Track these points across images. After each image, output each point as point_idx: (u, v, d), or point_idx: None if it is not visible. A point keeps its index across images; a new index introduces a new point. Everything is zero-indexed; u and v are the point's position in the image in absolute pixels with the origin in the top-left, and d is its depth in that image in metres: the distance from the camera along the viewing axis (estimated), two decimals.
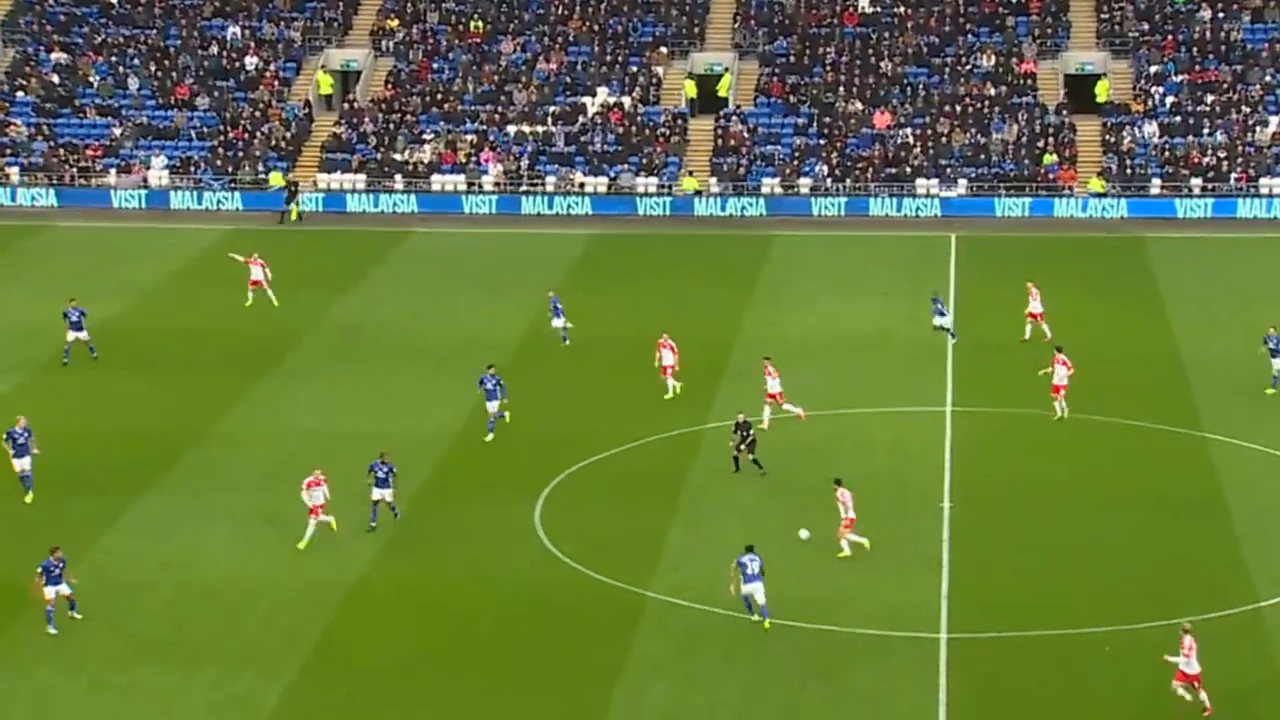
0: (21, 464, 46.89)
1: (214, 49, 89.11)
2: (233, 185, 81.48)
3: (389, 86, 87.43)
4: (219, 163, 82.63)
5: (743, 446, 48.12)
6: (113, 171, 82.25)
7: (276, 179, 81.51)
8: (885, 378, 56.90)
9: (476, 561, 43.73)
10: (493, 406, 51.42)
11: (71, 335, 57.32)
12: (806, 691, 37.31)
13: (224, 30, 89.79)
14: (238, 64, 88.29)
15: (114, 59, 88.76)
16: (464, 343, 60.07)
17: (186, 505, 46.74)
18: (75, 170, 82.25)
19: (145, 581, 42.41)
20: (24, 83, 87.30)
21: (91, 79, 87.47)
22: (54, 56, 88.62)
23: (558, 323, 60.25)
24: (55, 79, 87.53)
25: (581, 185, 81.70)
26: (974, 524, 45.58)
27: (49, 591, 39.54)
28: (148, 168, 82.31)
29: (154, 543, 44.54)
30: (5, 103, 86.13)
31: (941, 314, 60.01)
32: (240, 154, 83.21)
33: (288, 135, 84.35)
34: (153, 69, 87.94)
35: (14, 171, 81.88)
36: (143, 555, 43.90)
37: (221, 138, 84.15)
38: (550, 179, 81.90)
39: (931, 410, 53.95)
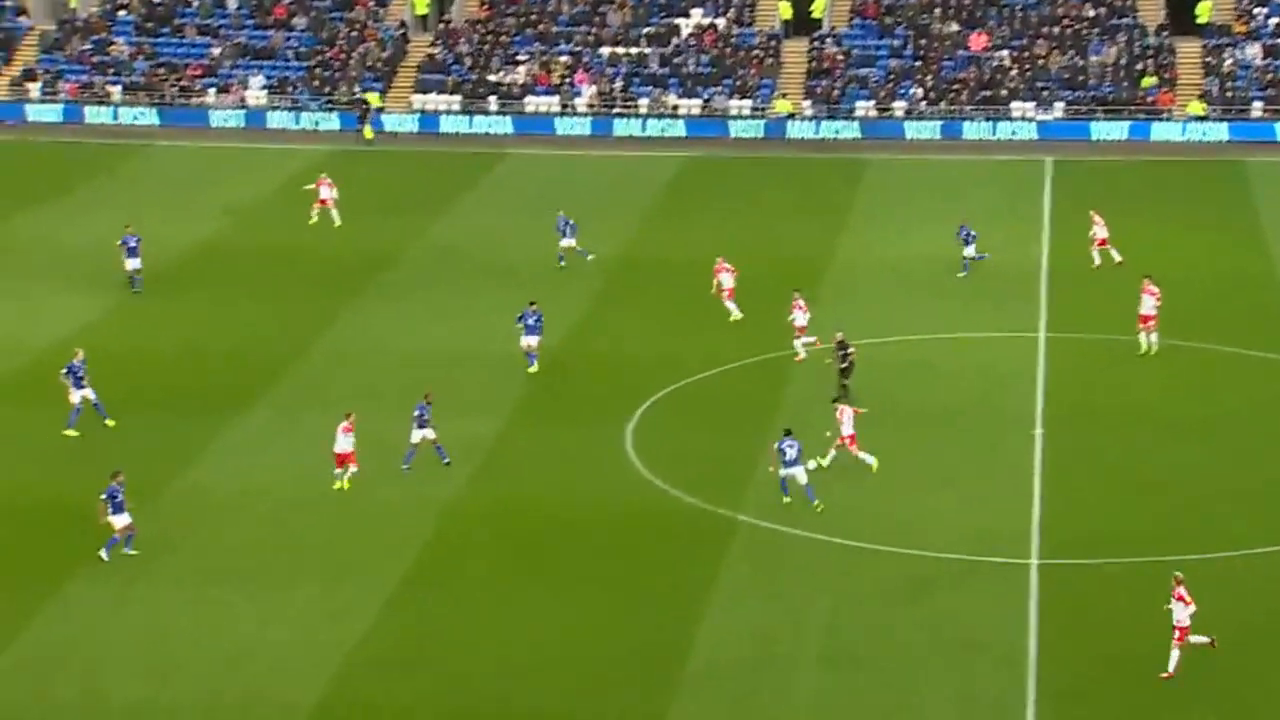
0: (82, 394, 46.30)
1: None
2: (329, 105, 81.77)
3: (484, 7, 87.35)
4: (316, 83, 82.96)
5: (842, 368, 48.04)
6: (211, 91, 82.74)
7: (373, 99, 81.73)
8: (977, 303, 56.60)
9: (568, 482, 44.01)
10: (533, 341, 50.91)
11: (130, 264, 56.83)
12: (894, 615, 37.40)
13: None
14: None
15: None
16: (556, 265, 60.13)
17: (285, 424, 47.22)
18: (175, 90, 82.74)
19: (245, 498, 42.95)
20: (126, 2, 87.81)
21: None
22: None
23: (566, 243, 59.84)
24: None
25: (674, 107, 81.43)
26: (1066, 450, 45.40)
27: (117, 520, 39.41)
28: (246, 88, 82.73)
29: (253, 460, 45.07)
30: (107, 22, 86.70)
31: (968, 242, 59.12)
32: (337, 74, 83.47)
33: (383, 56, 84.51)
34: None
35: (116, 90, 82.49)
36: (242, 472, 44.44)
37: (318, 58, 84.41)
38: (643, 101, 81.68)
39: (1024, 336, 53.65)
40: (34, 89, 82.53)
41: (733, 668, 35.34)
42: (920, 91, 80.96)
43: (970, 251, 58.86)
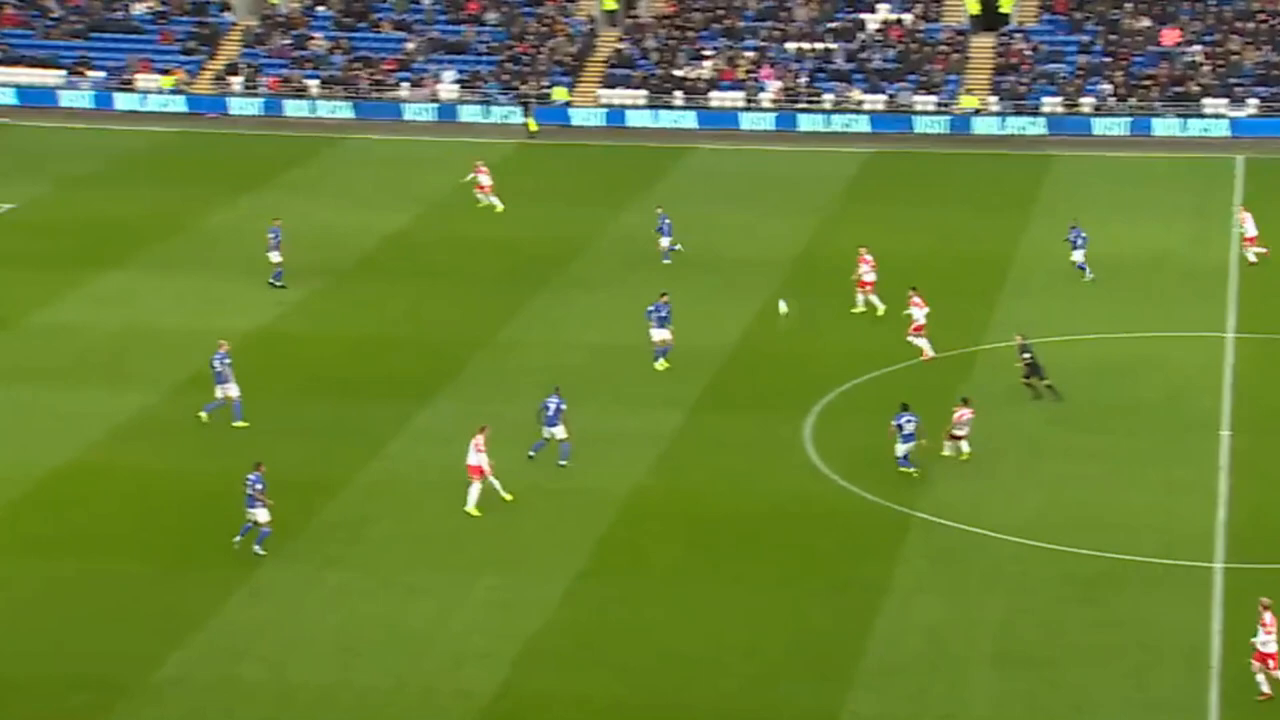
0: (225, 390, 46.53)
1: None
2: (518, 100, 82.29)
3: (672, 2, 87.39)
4: (505, 77, 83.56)
5: (1029, 371, 47.40)
6: (405, 85, 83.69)
7: (561, 93, 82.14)
8: (1165, 302, 55.53)
9: (746, 475, 43.89)
10: (663, 334, 50.58)
11: (275, 256, 56.96)
12: (1071, 615, 36.82)
13: None
14: None
15: None
16: (739, 259, 60.05)
17: (470, 412, 47.52)
18: (370, 83, 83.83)
19: (430, 485, 43.38)
20: None
21: None
22: None
23: (665, 242, 59.67)
24: None
25: (859, 102, 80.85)
26: (1255, 453, 44.39)
27: (257, 514, 39.43)
28: (438, 81, 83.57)
29: (439, 448, 45.46)
30: (307, 17, 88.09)
31: (1078, 245, 57.50)
32: (526, 68, 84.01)
33: (572, 50, 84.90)
34: None
35: (313, 84, 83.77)
36: (428, 460, 44.86)
37: (509, 52, 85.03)
38: (828, 96, 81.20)
39: (1212, 336, 52.52)
40: (236, 83, 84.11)
41: (906, 665, 35.04)
42: (1109, 87, 79.55)
43: (1079, 257, 57.26)
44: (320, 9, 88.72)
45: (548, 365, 50.71)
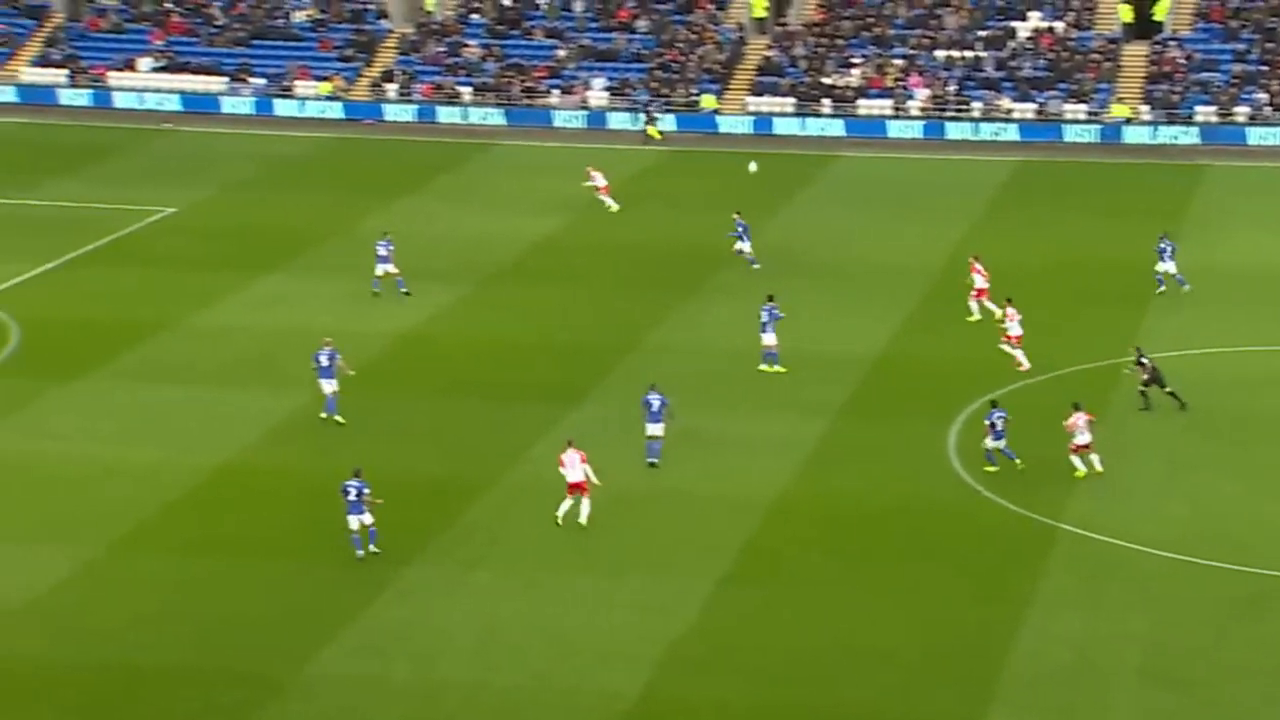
0: (329, 385, 47.01)
1: None
2: (667, 107, 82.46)
3: (821, 9, 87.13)
4: (654, 85, 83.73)
5: (1146, 380, 46.71)
6: (555, 92, 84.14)
7: (709, 101, 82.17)
8: None
9: (891, 481, 43.65)
10: (771, 339, 50.48)
11: (380, 268, 56.98)
12: (1222, 633, 36.20)
13: None
14: None
15: None
16: (885, 266, 59.72)
17: (614, 416, 47.70)
18: (521, 90, 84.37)
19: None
20: (478, 5, 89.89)
21: (540, 2, 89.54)
22: None
23: (742, 246, 59.49)
24: (507, 2, 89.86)
25: (1009, 111, 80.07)
26: None
27: (351, 520, 39.48)
28: (588, 89, 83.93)
29: (586, 451, 45.51)
30: (461, 25, 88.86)
31: (1164, 256, 55.94)
32: (675, 76, 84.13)
33: (721, 58, 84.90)
34: None
35: (466, 91, 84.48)
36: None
37: (658, 60, 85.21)
38: (977, 105, 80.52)
39: None
40: (391, 89, 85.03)
41: (1050, 679, 34.65)
42: (1265, 96, 78.14)
43: (1168, 268, 55.89)
44: (474, 17, 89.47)
45: (693, 371, 50.73)
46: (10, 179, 70.93)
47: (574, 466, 40.92)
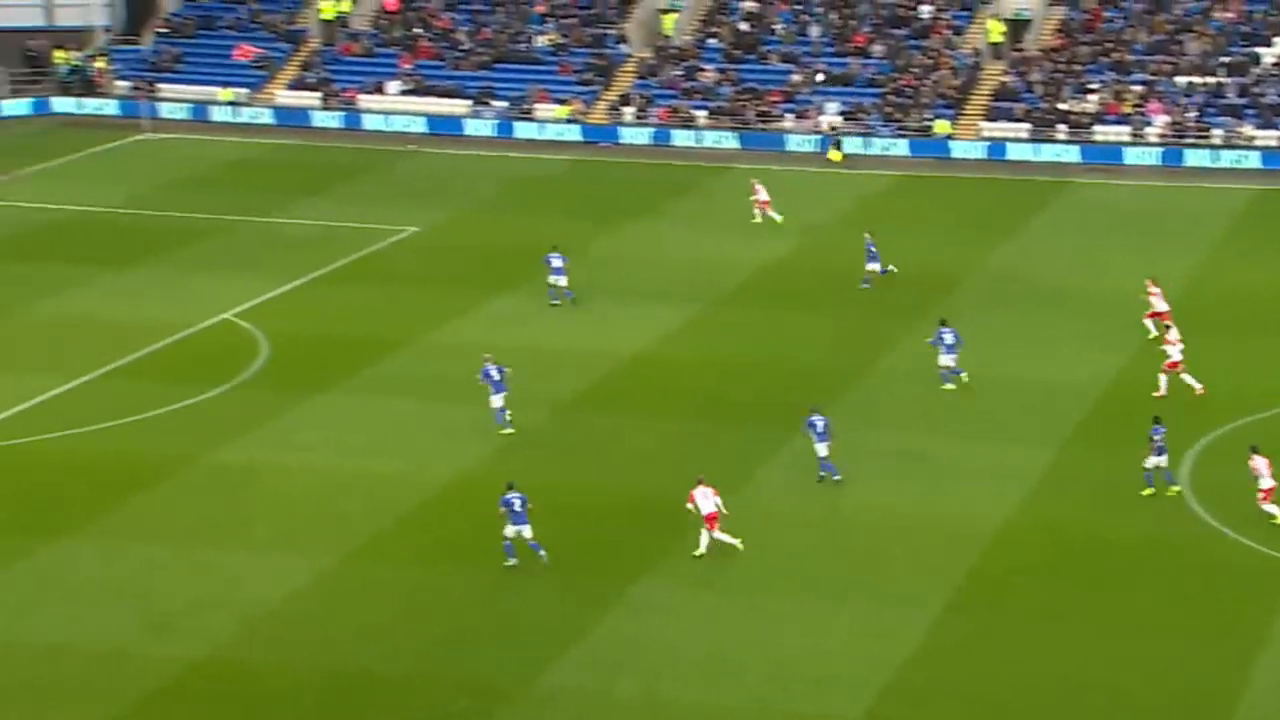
0: (500, 399, 47.56)
1: None
2: (900, 132, 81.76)
3: (1059, 35, 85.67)
4: (888, 109, 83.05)
5: None
6: (789, 116, 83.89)
7: (942, 126, 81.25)
8: None
9: (1120, 513, 42.63)
10: (950, 360, 50.10)
11: (555, 279, 58.31)
12: None
13: None
14: (913, 12, 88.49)
15: (798, 7, 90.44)
16: (1118, 295, 58.39)
17: (841, 440, 47.28)
18: (755, 114, 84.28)
19: (798, 512, 43.27)
20: (716, 30, 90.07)
21: (776, 27, 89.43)
22: (744, 5, 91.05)
23: (872, 266, 59.16)
24: (744, 26, 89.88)
25: (1251, 138, 77.87)
26: None
27: (509, 529, 39.72)
28: (822, 113, 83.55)
29: (810, 475, 45.30)
30: (698, 49, 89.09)
31: None
32: (909, 101, 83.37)
33: (956, 83, 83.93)
34: (833, 17, 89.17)
35: (701, 115, 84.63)
36: (797, 486, 44.73)
37: (892, 85, 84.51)
38: (1218, 132, 78.44)
39: None
40: (628, 113, 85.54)
41: None
42: None
43: None
44: (711, 41, 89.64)
45: (919, 396, 50.15)
46: (265, 199, 72.72)
47: (706, 499, 40.52)
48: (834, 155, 79.39)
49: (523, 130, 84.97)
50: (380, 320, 57.13)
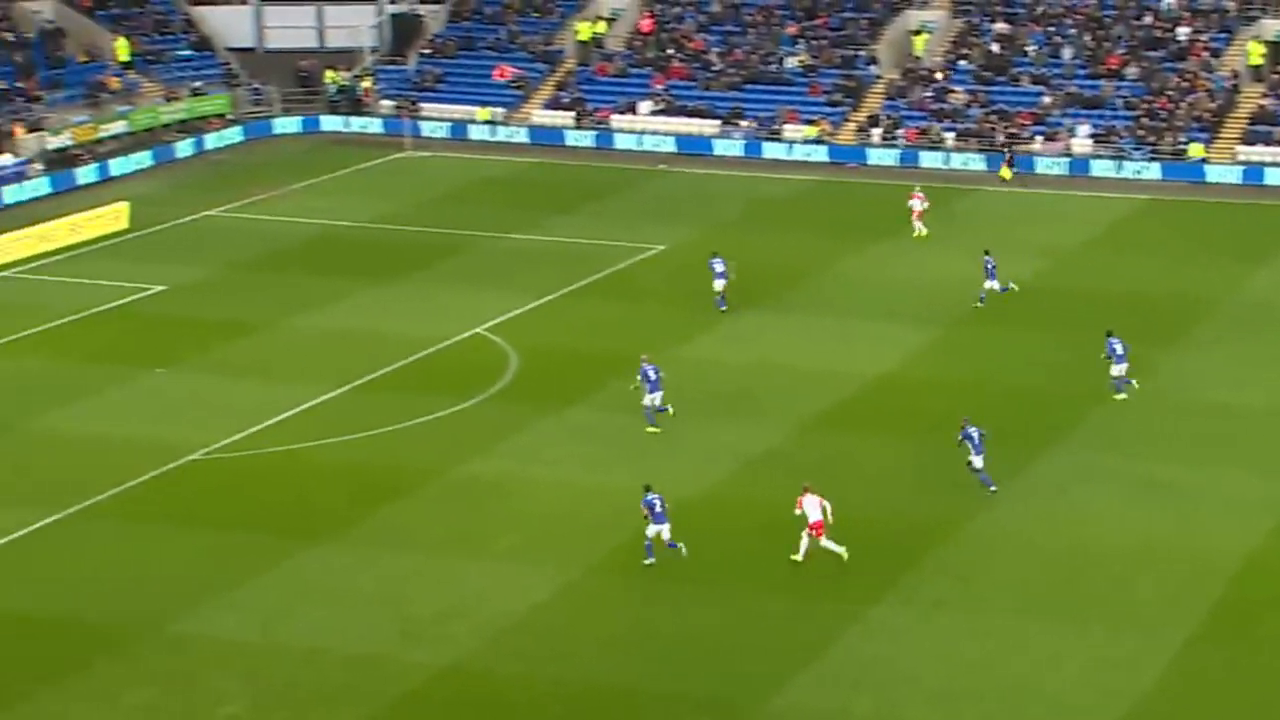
0: (655, 398, 48.85)
1: (1147, 19, 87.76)
2: (1152, 155, 79.95)
3: None
4: (1141, 132, 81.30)
5: None
6: (1038, 138, 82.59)
7: (1197, 150, 79.28)
8: None
9: None
10: (1120, 369, 49.82)
11: (717, 283, 59.48)
12: None
13: (1159, 1, 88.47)
14: (1169, 34, 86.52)
15: (1050, 29, 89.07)
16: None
17: (1082, 464, 46.49)
18: (1004, 136, 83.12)
19: (1037, 536, 42.55)
20: (966, 52, 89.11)
21: (1028, 48, 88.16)
22: (996, 27, 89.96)
23: (991, 284, 58.89)
24: (995, 48, 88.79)
25: None
26: None
27: (650, 529, 40.69)
28: (1072, 135, 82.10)
29: (1052, 499, 44.59)
30: (948, 70, 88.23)
31: None
32: (1163, 124, 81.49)
33: (1212, 106, 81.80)
34: (1087, 39, 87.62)
35: (949, 136, 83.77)
36: (1040, 510, 44.04)
37: (1146, 107, 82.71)
38: None
39: None
40: (876, 134, 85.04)
41: None
42: None
43: None
44: (962, 63, 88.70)
45: (1162, 422, 49.11)
46: (518, 215, 73.78)
47: (814, 508, 40.71)
48: (1004, 173, 78.16)
49: (771, 150, 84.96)
50: (626, 336, 57.56)
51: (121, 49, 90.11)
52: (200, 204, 75.90)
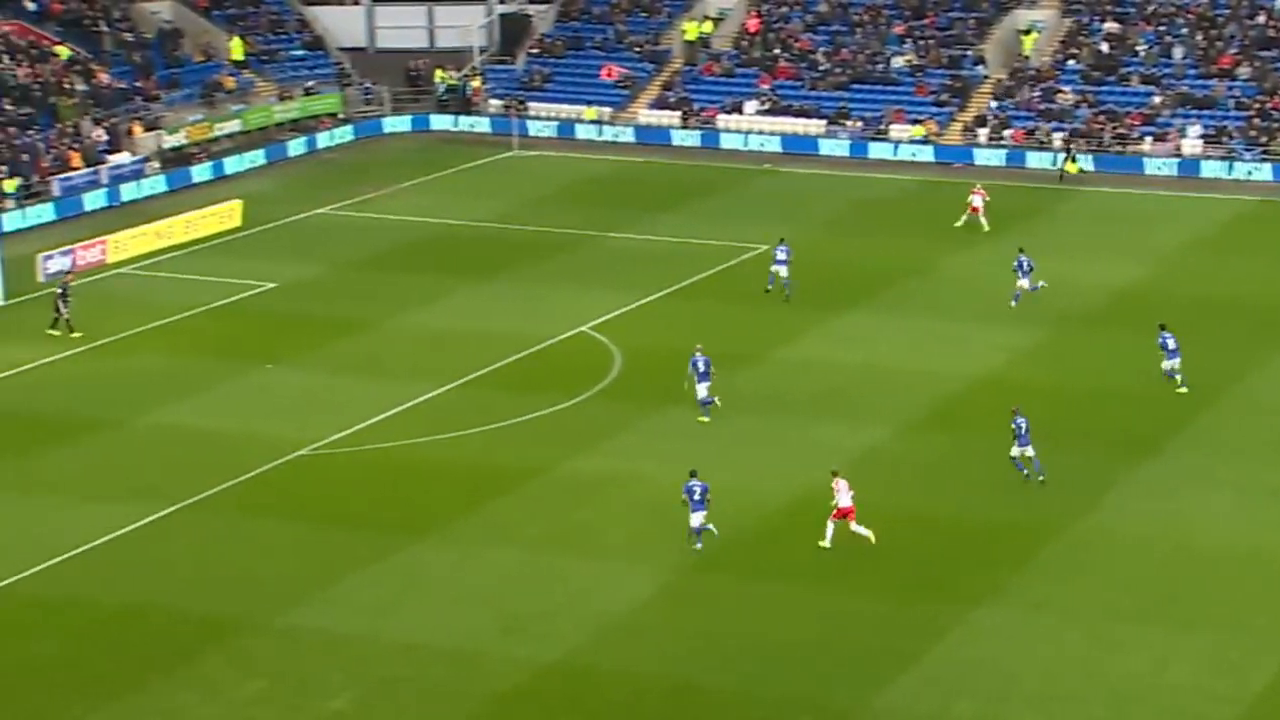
0: (704, 387, 49.57)
1: (1260, 18, 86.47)
2: (1264, 156, 78.76)
3: None
4: (1253, 133, 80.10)
5: None
6: (1148, 139, 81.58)
7: None
8: None
9: None
10: (1173, 362, 50.22)
11: (778, 269, 60.55)
12: None
13: (1273, 0, 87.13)
14: None
15: (1162, 28, 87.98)
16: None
17: (1188, 468, 45.87)
18: (1113, 137, 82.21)
19: (1146, 539, 42.04)
20: (1075, 51, 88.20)
21: (1138, 48, 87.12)
22: (1106, 26, 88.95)
23: (1023, 283, 58.36)
24: (1104, 48, 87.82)
25: None
26: None
27: (694, 519, 41.26)
28: (1183, 136, 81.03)
29: (1160, 502, 44.07)
30: (1056, 70, 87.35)
31: None
32: (1275, 125, 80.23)
33: None
34: (1198, 38, 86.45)
35: (1058, 137, 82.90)
36: (1147, 513, 43.52)
37: (1258, 108, 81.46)
38: None
39: None
40: (983, 134, 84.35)
41: None
42: None
43: None
44: (1070, 63, 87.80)
45: (1273, 428, 48.22)
46: (623, 214, 73.87)
47: (843, 493, 41.13)
48: (1071, 168, 77.29)
49: (876, 150, 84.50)
50: (729, 336, 57.43)
51: (236, 48, 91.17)
52: (311, 202, 76.61)
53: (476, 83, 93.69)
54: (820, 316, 59.36)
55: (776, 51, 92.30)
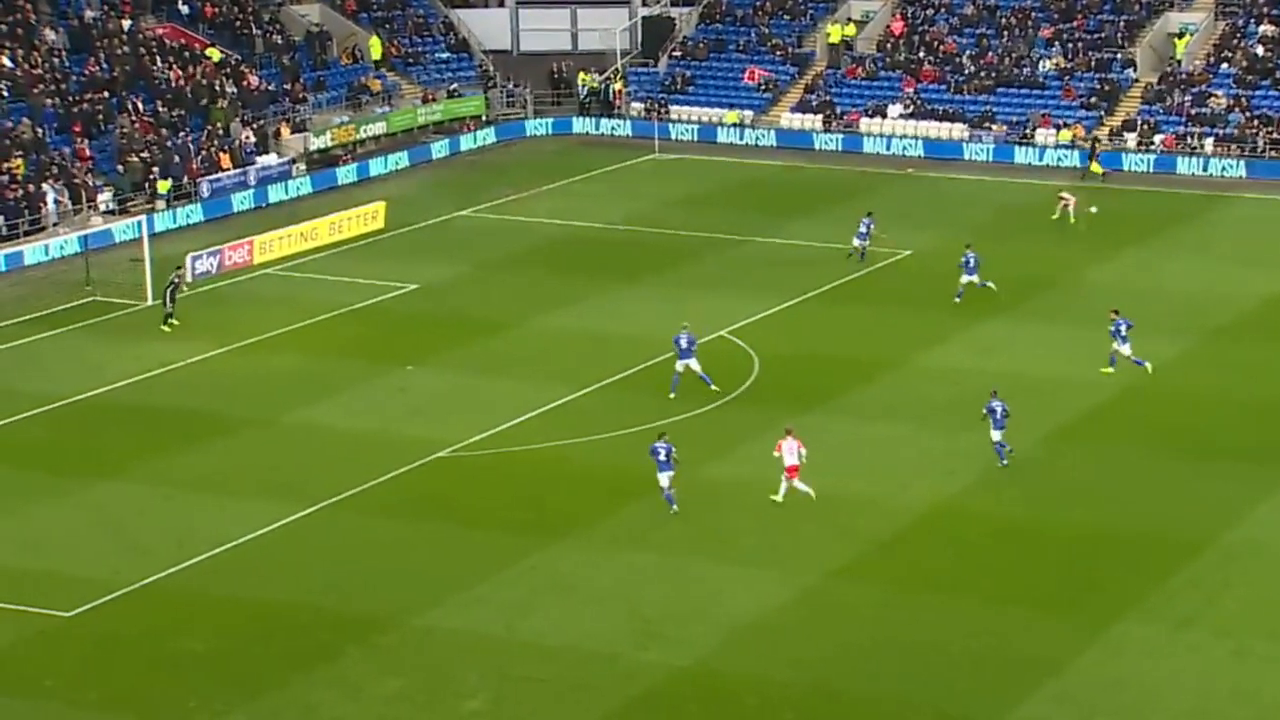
0: (687, 363, 51.24)
1: None
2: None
3: None
4: None
5: None
6: None
7: None
8: None
9: None
10: (1119, 348, 50.43)
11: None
12: None
13: None
14: None
15: None
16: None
17: None
18: (1267, 142, 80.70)
19: None
20: (1229, 55, 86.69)
21: None
22: (1262, 29, 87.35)
23: (970, 278, 58.73)
24: (1259, 51, 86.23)
25: None
26: None
27: (662, 479, 43.05)
28: None
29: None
30: (1209, 75, 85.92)
31: None
32: None
33: None
34: None
35: (1209, 142, 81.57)
36: None
37: None
38: None
39: None
40: (1130, 139, 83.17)
41: None
42: None
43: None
44: (1224, 66, 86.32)
45: None
46: (763, 219, 73.73)
47: (791, 452, 43.03)
48: (1095, 168, 75.82)
49: (1022, 155, 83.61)
50: (869, 342, 57.14)
51: (375, 48, 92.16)
52: (453, 204, 77.27)
53: (619, 85, 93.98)
54: (962, 323, 58.85)
55: (921, 54, 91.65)
